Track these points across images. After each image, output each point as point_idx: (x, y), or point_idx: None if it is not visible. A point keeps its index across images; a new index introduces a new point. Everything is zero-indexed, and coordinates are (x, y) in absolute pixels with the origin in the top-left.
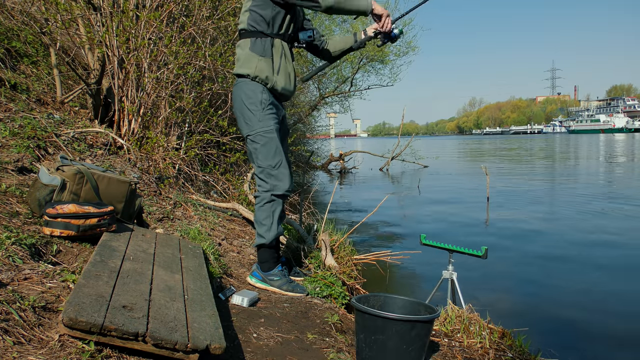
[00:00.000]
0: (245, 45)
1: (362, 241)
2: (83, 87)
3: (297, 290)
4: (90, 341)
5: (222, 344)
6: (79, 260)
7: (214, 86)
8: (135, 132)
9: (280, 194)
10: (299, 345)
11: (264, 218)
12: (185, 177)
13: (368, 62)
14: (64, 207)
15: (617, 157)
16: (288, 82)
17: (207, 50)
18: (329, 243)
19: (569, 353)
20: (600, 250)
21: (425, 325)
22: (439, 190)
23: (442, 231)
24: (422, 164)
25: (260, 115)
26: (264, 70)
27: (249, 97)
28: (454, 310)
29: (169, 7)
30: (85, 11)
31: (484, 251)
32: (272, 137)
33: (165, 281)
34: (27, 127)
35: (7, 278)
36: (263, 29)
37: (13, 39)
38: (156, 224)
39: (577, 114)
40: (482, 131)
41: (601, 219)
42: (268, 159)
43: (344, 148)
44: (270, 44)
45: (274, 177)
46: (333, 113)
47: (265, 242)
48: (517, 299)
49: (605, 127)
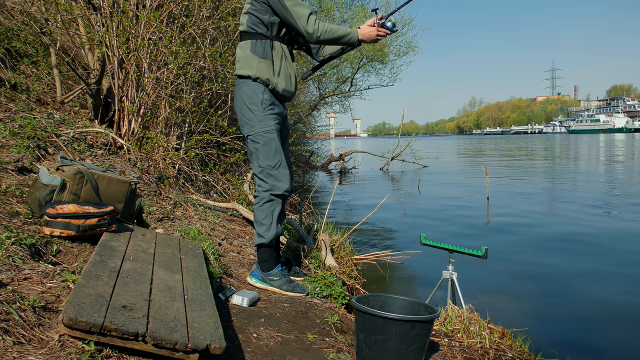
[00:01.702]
0: (246, 46)
1: (362, 241)
2: (83, 87)
3: (297, 290)
4: (90, 341)
5: (222, 344)
6: (79, 260)
7: (213, 86)
8: (135, 132)
9: (279, 193)
10: (299, 345)
11: (263, 217)
12: (185, 177)
13: (368, 62)
14: (64, 207)
15: (617, 157)
16: (289, 83)
17: (207, 51)
18: (329, 243)
19: (569, 353)
20: (601, 250)
21: (425, 325)
22: (439, 190)
23: (442, 231)
24: (422, 164)
25: (261, 115)
26: (265, 72)
27: (249, 97)
28: (454, 310)
29: (169, 7)
30: (85, 11)
31: (484, 251)
32: (273, 137)
33: (165, 281)
34: (27, 127)
35: (7, 278)
36: (263, 31)
37: (13, 39)
38: (156, 224)
39: (577, 114)
40: (482, 131)
41: (602, 219)
42: (268, 159)
43: (344, 148)
44: (270, 46)
45: (274, 177)
46: (333, 113)
47: (265, 242)
48: (517, 299)
49: (605, 127)
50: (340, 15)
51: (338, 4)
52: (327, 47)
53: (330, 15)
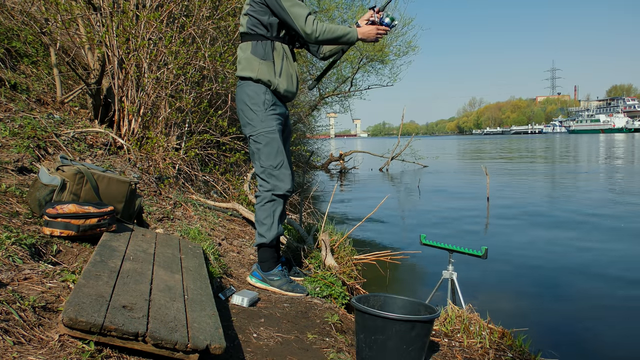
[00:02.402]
0: (247, 48)
1: (362, 241)
2: (83, 87)
3: (297, 290)
4: (90, 341)
5: (222, 344)
6: (79, 260)
7: (213, 86)
8: (135, 132)
9: (281, 194)
10: (299, 345)
11: (264, 217)
12: (185, 177)
13: (368, 62)
14: (64, 207)
15: (617, 157)
16: (290, 83)
17: (206, 51)
18: (329, 243)
19: (569, 353)
20: (601, 249)
21: (425, 325)
22: (439, 190)
23: (442, 231)
24: (422, 163)
25: (263, 116)
26: (266, 73)
27: (251, 98)
28: (454, 310)
29: (169, 7)
30: (85, 11)
31: (484, 251)
32: (274, 137)
33: (165, 281)
34: (27, 127)
35: (7, 278)
36: (263, 32)
37: (13, 39)
38: (156, 224)
39: (577, 114)
40: (482, 131)
41: (602, 218)
42: (270, 159)
43: (344, 148)
44: (271, 47)
45: (275, 177)
46: (333, 113)
47: (266, 242)
48: (517, 299)
49: (605, 127)
50: (339, 15)
51: (338, 3)
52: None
53: (330, 15)
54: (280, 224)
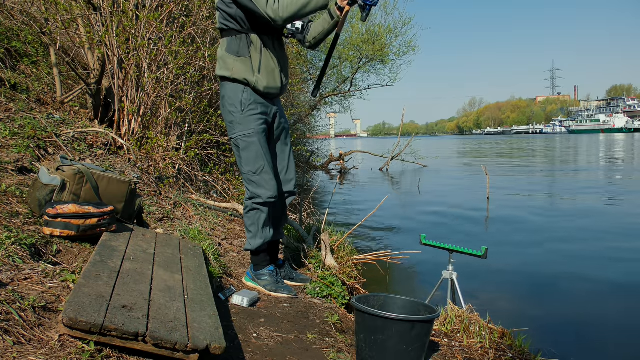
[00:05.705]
0: (223, 45)
1: (362, 241)
2: (83, 87)
3: (280, 291)
4: (90, 341)
5: (222, 344)
6: (79, 260)
7: (213, 86)
8: (135, 132)
9: (261, 202)
10: (299, 345)
11: (249, 225)
12: (185, 177)
13: (368, 62)
14: (64, 207)
15: (618, 157)
16: (272, 79)
17: (206, 51)
18: (329, 243)
19: (569, 353)
20: (601, 249)
21: (425, 325)
22: (439, 190)
23: (442, 231)
24: (422, 163)
25: (240, 118)
26: (242, 71)
27: (229, 99)
28: (454, 310)
29: (169, 7)
30: (85, 11)
31: (484, 251)
32: (252, 140)
33: (165, 281)
34: (27, 127)
35: (7, 278)
36: (235, 26)
37: (13, 39)
38: (156, 224)
39: (577, 114)
40: (483, 131)
41: (603, 218)
42: (249, 164)
43: (344, 148)
44: (247, 42)
45: (255, 183)
46: (333, 113)
47: (251, 249)
48: (517, 299)
49: (605, 127)
50: None
51: None
52: (311, 30)
53: None
54: (268, 231)
